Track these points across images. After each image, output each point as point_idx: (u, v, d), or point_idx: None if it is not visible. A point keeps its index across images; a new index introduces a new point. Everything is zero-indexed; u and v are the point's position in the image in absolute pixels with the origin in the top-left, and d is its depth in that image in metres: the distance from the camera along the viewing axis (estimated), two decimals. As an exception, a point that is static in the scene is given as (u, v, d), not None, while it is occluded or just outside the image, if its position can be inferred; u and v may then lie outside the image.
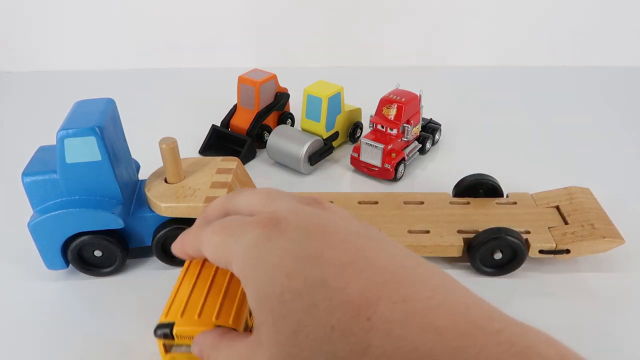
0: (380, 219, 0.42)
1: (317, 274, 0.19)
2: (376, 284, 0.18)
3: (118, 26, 0.81)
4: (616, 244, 0.38)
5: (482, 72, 0.80)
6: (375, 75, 0.79)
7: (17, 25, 0.80)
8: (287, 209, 0.22)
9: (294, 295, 0.18)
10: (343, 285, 0.18)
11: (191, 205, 0.38)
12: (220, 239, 0.23)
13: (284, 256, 0.20)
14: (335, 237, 0.20)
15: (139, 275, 0.41)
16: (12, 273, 0.41)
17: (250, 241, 0.21)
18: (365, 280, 0.18)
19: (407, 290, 0.18)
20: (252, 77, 0.56)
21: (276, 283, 0.19)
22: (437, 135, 0.59)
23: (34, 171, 0.36)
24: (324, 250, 0.19)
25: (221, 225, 0.23)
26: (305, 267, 0.19)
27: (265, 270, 0.20)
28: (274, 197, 0.24)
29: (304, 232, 0.20)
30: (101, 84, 0.79)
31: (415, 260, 0.20)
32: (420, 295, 0.18)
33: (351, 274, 0.18)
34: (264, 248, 0.20)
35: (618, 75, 0.78)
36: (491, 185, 0.45)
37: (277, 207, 0.22)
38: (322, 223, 0.21)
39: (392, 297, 0.18)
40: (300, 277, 0.19)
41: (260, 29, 0.81)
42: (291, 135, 0.53)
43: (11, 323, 0.37)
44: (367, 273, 0.18)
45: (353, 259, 0.19)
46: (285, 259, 0.19)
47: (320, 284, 0.18)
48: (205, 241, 0.24)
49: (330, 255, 0.19)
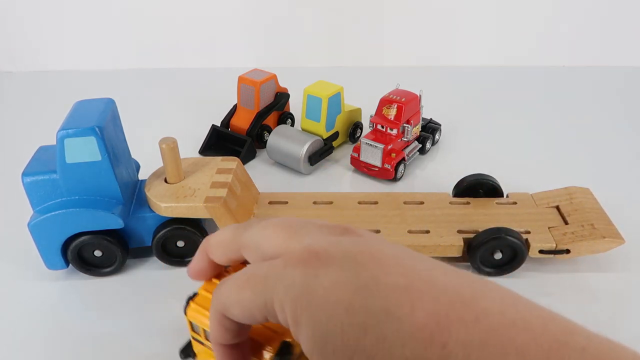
0: (380, 219, 0.42)
1: (379, 304, 0.17)
2: (443, 306, 0.17)
3: (118, 26, 0.81)
4: (616, 244, 0.38)
5: (482, 72, 0.80)
6: (375, 75, 0.79)
7: (17, 25, 0.80)
8: (321, 242, 0.20)
9: (359, 330, 0.17)
10: (409, 311, 0.17)
11: (191, 205, 0.38)
12: (251, 294, 0.20)
13: (338, 290, 0.18)
14: (385, 262, 0.19)
15: (139, 275, 0.41)
16: (12, 273, 0.41)
17: (294, 282, 0.19)
18: (431, 303, 0.17)
19: (476, 307, 0.17)
20: (252, 77, 0.56)
21: (335, 320, 0.17)
22: (437, 135, 0.59)
23: (34, 171, 0.36)
24: (379, 277, 0.18)
25: (246, 277, 0.21)
26: (364, 298, 0.17)
27: (320, 309, 0.18)
28: (297, 230, 0.21)
29: (351, 262, 0.19)
30: (101, 84, 0.79)
31: (466, 274, 0.19)
32: (492, 312, 0.16)
33: (414, 298, 0.17)
34: (313, 286, 0.18)
35: (618, 75, 0.78)
36: (491, 185, 0.45)
37: (308, 241, 0.20)
38: (365, 249, 0.19)
39: (463, 317, 0.16)
40: (362, 310, 0.17)
41: (260, 29, 0.81)
42: (291, 135, 0.53)
43: (11, 323, 0.37)
44: (430, 295, 0.17)
45: (411, 282, 0.18)
46: (340, 293, 0.18)
47: (385, 313, 0.17)
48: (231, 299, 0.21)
49: (387, 281, 0.18)
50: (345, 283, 0.18)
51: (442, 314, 0.16)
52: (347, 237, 0.21)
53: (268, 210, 0.44)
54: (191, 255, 0.41)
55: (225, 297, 0.21)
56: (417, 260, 0.19)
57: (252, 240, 0.22)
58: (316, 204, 0.44)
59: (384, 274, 0.18)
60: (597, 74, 0.79)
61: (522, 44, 0.81)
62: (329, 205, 0.44)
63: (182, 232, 0.39)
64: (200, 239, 0.40)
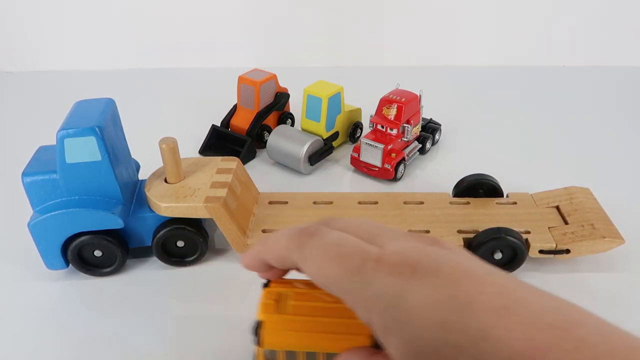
0: (380, 219, 0.42)
1: (475, 324, 0.17)
2: (540, 330, 0.16)
3: (118, 26, 0.81)
4: (616, 244, 0.38)
5: (482, 72, 0.80)
6: (375, 75, 0.79)
7: (17, 25, 0.80)
8: (412, 251, 0.20)
9: (454, 350, 0.17)
10: (505, 333, 0.16)
11: (191, 205, 0.38)
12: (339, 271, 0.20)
13: (434, 307, 0.18)
14: (478, 280, 0.18)
15: (139, 275, 0.41)
16: (12, 273, 0.41)
17: (386, 291, 0.19)
18: (528, 327, 0.16)
19: (574, 335, 0.16)
20: (252, 77, 0.56)
21: (430, 338, 0.17)
22: (437, 135, 0.59)
23: (34, 171, 0.36)
24: (474, 296, 0.18)
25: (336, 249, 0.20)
26: (460, 318, 0.17)
27: (414, 325, 0.18)
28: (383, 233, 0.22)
29: (446, 278, 0.19)
30: (101, 84, 0.79)
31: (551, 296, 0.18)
32: (592, 340, 0.16)
33: (511, 320, 0.17)
34: (407, 299, 0.18)
35: (618, 75, 0.78)
36: (491, 185, 0.45)
37: (400, 246, 0.20)
38: (458, 265, 0.19)
39: (562, 345, 0.16)
40: (458, 329, 0.17)
41: (260, 29, 0.81)
42: (291, 135, 0.53)
43: (11, 323, 0.37)
44: (526, 317, 0.17)
45: (505, 302, 0.17)
46: (436, 311, 0.18)
47: (481, 335, 0.17)
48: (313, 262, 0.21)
49: (481, 300, 0.17)
50: (441, 301, 0.18)
51: (540, 341, 0.16)
52: (437, 248, 0.20)
53: (268, 210, 0.44)
54: (191, 255, 0.41)
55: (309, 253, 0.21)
56: (505, 279, 0.19)
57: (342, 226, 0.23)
58: (316, 204, 0.44)
59: (477, 293, 0.18)
60: (597, 74, 0.79)
61: (522, 44, 0.81)
62: (329, 205, 0.44)
63: (182, 232, 0.39)
64: (200, 239, 0.40)
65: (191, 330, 0.36)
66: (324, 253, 0.21)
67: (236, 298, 0.39)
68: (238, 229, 0.39)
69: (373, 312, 0.19)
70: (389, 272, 0.19)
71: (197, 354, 0.34)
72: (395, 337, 0.18)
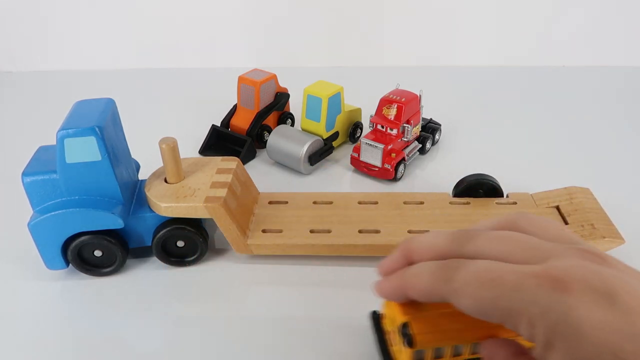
0: (380, 219, 0.42)
1: None
2: None
3: (118, 26, 0.81)
4: (616, 244, 0.38)
5: (482, 72, 0.80)
6: (375, 75, 0.79)
7: (17, 25, 0.80)
8: (583, 269, 0.20)
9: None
10: None
11: (191, 205, 0.38)
12: (493, 297, 0.20)
13: (608, 332, 0.18)
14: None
15: (139, 275, 0.41)
16: (12, 273, 0.41)
17: (552, 308, 0.19)
18: None
19: None
20: (252, 77, 0.56)
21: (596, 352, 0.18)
22: (437, 135, 0.59)
23: (34, 171, 0.36)
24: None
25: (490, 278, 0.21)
26: (636, 347, 0.18)
27: (584, 346, 0.18)
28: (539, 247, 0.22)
29: (619, 302, 0.19)
30: (101, 84, 0.79)
31: None
32: None
33: None
34: (576, 319, 0.18)
35: (618, 75, 0.78)
36: (491, 185, 0.45)
37: (566, 264, 0.20)
38: (629, 289, 0.19)
39: None
40: (632, 358, 0.17)
41: (260, 29, 0.81)
42: (291, 135, 0.53)
43: (11, 323, 0.37)
44: None
45: None
46: (609, 336, 0.18)
47: None
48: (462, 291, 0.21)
49: None
50: (615, 326, 0.18)
51: None
52: (606, 268, 0.20)
53: (268, 210, 0.44)
54: (191, 255, 0.41)
55: (458, 284, 0.22)
56: None
57: (479, 253, 0.22)
58: (316, 204, 0.44)
59: None
60: (597, 74, 0.79)
61: (522, 44, 0.81)
62: (329, 205, 0.44)
63: (182, 232, 0.39)
64: (200, 239, 0.40)
65: (191, 330, 0.36)
66: (475, 281, 0.21)
67: (236, 298, 0.39)
68: (238, 229, 0.39)
69: (537, 328, 0.19)
70: (552, 287, 0.19)
71: (197, 354, 0.34)
72: (559, 353, 0.19)
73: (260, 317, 0.37)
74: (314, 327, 0.36)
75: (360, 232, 0.41)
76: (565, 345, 0.19)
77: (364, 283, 0.40)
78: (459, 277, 0.22)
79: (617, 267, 0.21)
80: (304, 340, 0.35)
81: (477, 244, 0.23)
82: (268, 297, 0.38)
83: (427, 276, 0.23)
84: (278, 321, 0.36)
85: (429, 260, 0.24)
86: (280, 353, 0.34)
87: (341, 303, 0.38)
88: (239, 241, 0.40)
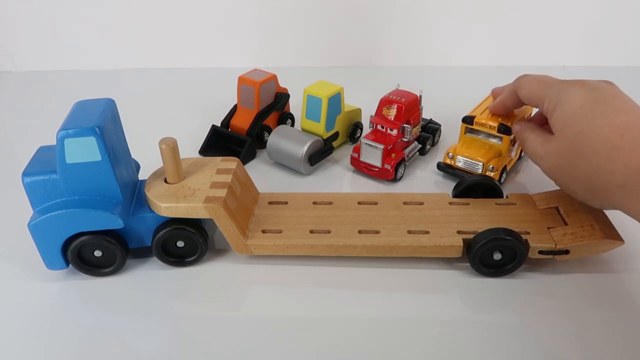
0: (380, 220, 0.42)
1: (598, 108, 0.35)
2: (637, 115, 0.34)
3: (118, 26, 0.81)
4: (616, 244, 0.38)
5: (482, 72, 0.80)
6: (375, 75, 0.79)
7: (17, 25, 0.80)
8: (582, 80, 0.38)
9: (581, 117, 0.35)
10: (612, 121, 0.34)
11: (191, 205, 0.38)
12: (539, 88, 0.40)
13: (580, 98, 0.36)
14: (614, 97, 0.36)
15: (139, 275, 0.41)
16: (12, 273, 0.41)
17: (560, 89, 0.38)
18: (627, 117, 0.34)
19: None
20: (252, 77, 0.56)
21: (572, 111, 0.36)
22: (437, 136, 0.59)
23: (34, 171, 0.36)
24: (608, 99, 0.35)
25: (540, 79, 0.41)
26: (592, 104, 0.35)
27: (568, 105, 0.36)
28: None
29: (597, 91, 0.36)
30: (101, 84, 0.79)
31: None
32: None
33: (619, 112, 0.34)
34: (568, 95, 0.37)
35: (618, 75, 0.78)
36: (491, 185, 0.45)
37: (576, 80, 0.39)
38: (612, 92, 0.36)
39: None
40: (587, 109, 0.35)
41: (260, 29, 0.81)
42: (291, 135, 0.53)
43: (11, 323, 0.37)
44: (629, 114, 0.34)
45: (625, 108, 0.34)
46: (580, 99, 0.36)
47: (600, 114, 0.34)
48: (524, 86, 0.42)
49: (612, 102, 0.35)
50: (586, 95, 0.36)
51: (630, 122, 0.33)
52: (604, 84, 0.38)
53: (268, 210, 0.44)
54: (191, 256, 0.41)
55: (524, 82, 0.42)
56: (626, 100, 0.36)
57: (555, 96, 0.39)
58: (316, 204, 0.44)
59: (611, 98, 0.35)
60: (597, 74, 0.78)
61: (522, 44, 0.81)
62: (329, 205, 0.44)
63: (182, 232, 0.39)
64: (200, 239, 0.40)
65: (191, 330, 0.36)
66: (531, 79, 0.42)
67: (236, 298, 0.39)
68: (238, 229, 0.39)
69: (551, 102, 0.38)
70: (566, 83, 0.38)
71: (197, 354, 0.34)
72: (557, 112, 0.37)
73: (260, 317, 0.37)
74: (314, 327, 0.36)
75: (360, 232, 0.41)
76: (560, 108, 0.37)
77: (363, 283, 0.40)
78: (523, 79, 0.43)
79: None
80: (303, 340, 0.35)
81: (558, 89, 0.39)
82: (268, 297, 0.39)
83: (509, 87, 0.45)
84: (278, 321, 0.36)
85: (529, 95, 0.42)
86: (280, 353, 0.34)
87: (341, 303, 0.38)
88: (238, 241, 0.40)
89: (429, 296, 0.38)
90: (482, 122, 0.49)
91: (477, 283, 0.39)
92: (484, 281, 0.39)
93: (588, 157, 0.34)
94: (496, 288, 0.39)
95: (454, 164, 0.51)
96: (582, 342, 0.34)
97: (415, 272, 0.40)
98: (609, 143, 0.33)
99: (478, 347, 0.34)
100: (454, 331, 0.35)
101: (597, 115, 0.34)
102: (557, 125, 0.37)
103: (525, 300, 0.38)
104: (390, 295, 0.38)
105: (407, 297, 0.38)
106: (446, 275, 0.40)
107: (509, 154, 0.50)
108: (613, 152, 0.33)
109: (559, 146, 0.37)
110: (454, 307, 0.37)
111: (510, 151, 0.50)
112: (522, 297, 0.38)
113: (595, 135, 0.34)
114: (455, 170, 0.51)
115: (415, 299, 0.38)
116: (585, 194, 0.37)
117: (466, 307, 0.37)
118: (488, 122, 0.49)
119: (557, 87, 0.38)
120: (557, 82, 0.39)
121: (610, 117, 0.34)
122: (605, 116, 0.34)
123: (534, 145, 0.40)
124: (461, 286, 0.39)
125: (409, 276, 0.40)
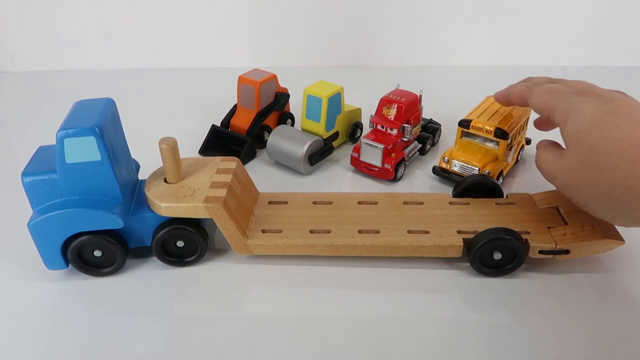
0: (380, 219, 0.42)
1: (613, 121, 0.33)
2: None
3: (118, 26, 0.81)
4: (616, 244, 0.38)
5: (482, 72, 0.80)
6: (375, 75, 0.79)
7: (17, 25, 0.80)
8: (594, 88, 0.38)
9: (594, 130, 0.33)
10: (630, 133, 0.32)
11: (191, 205, 0.38)
12: (548, 98, 0.38)
13: (593, 111, 0.34)
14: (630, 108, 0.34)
15: (139, 275, 0.41)
16: (12, 273, 0.41)
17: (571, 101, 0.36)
18: None
19: None
20: (252, 77, 0.56)
21: (585, 124, 0.34)
22: (437, 136, 0.59)
23: (33, 171, 0.36)
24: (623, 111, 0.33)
25: (549, 89, 0.38)
26: (607, 117, 0.33)
27: (581, 118, 0.34)
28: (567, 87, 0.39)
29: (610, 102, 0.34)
30: (101, 84, 0.79)
31: None
32: None
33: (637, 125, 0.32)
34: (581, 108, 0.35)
35: (618, 75, 0.78)
36: (491, 185, 0.45)
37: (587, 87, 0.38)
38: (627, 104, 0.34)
39: None
40: (602, 122, 0.33)
41: (260, 29, 0.81)
42: (291, 135, 0.53)
43: (11, 323, 0.37)
44: None
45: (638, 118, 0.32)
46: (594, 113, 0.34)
47: (615, 127, 0.32)
48: (534, 96, 0.39)
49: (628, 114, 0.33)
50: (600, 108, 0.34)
51: None
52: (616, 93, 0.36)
53: (268, 210, 0.44)
54: (191, 255, 0.41)
55: (534, 93, 0.39)
56: None
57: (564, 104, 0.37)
58: (316, 204, 0.44)
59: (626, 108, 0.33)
60: (597, 74, 0.78)
61: (522, 44, 0.81)
62: (329, 205, 0.44)
63: (182, 232, 0.39)
64: (200, 239, 0.40)
65: (191, 330, 0.36)
66: (542, 90, 0.39)
67: (236, 298, 0.39)
68: (238, 229, 0.39)
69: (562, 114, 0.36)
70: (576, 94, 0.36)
71: (197, 354, 0.34)
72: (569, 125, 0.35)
73: (259, 317, 0.37)
74: (314, 327, 0.36)
75: (360, 232, 0.41)
76: (572, 122, 0.35)
77: (363, 283, 0.40)
78: (536, 89, 0.39)
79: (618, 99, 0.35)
80: (303, 340, 0.35)
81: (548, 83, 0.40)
82: (268, 297, 0.38)
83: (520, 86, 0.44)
84: (278, 321, 0.36)
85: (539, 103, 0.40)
86: (280, 353, 0.34)
87: (341, 303, 0.38)
88: (238, 241, 0.40)
89: (429, 296, 0.38)
90: (479, 126, 0.49)
91: (477, 283, 0.39)
92: (484, 281, 0.39)
93: (604, 172, 0.32)
94: (496, 288, 0.39)
95: (450, 168, 0.50)
96: (582, 342, 0.34)
97: (415, 271, 0.40)
98: (628, 157, 0.31)
99: (478, 347, 0.34)
100: (454, 331, 0.35)
101: (611, 129, 0.32)
102: (570, 140, 0.35)
103: (525, 300, 0.38)
104: (390, 295, 0.38)
105: (407, 297, 0.38)
106: (446, 275, 0.40)
107: (505, 158, 0.49)
108: (634, 165, 0.31)
109: (571, 162, 0.35)
110: (454, 307, 0.37)
111: (506, 156, 0.49)
112: (522, 297, 0.38)
113: (611, 149, 0.32)
114: (451, 175, 0.50)
115: (415, 298, 0.38)
116: (605, 212, 0.35)
117: (466, 307, 0.37)
118: (485, 126, 0.48)
119: (569, 98, 0.36)
120: (568, 94, 0.36)
121: (627, 130, 0.32)
122: (620, 129, 0.32)
123: (546, 164, 0.38)
124: (461, 286, 0.39)
125: (409, 276, 0.40)
